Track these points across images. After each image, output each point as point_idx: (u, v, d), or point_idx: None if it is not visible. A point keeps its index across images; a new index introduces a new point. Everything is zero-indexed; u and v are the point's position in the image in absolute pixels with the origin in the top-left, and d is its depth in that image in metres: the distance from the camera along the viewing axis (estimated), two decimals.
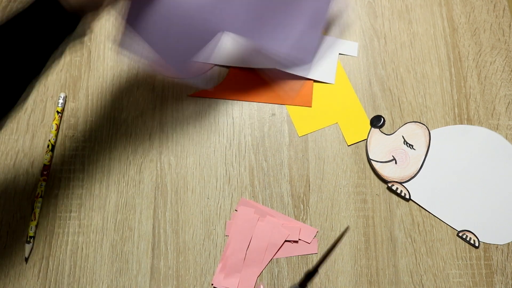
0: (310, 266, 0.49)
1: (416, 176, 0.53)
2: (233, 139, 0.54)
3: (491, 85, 0.58)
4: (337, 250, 0.50)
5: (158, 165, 0.53)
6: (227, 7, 0.45)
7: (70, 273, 0.48)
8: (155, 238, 0.50)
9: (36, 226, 0.50)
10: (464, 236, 0.51)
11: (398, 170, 0.53)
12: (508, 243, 0.51)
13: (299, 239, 0.50)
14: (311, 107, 0.56)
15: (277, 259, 0.50)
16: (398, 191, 0.52)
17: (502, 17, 0.61)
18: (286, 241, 0.50)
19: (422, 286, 0.50)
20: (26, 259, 0.49)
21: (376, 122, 0.55)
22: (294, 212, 0.51)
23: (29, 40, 0.36)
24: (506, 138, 0.55)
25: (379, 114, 0.56)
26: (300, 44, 0.52)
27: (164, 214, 0.51)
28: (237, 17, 0.46)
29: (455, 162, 0.54)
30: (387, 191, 0.53)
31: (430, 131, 0.55)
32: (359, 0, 0.61)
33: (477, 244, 0.51)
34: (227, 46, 0.55)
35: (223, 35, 0.47)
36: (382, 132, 0.55)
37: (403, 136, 0.55)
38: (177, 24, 0.45)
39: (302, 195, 0.52)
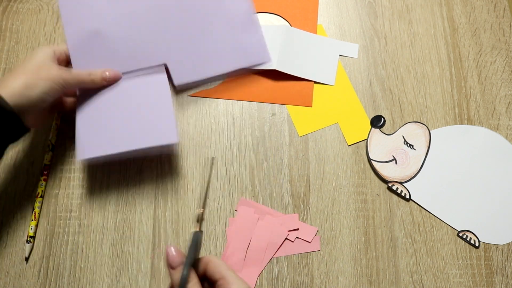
0: (310, 265, 0.49)
1: (417, 176, 0.53)
2: (234, 139, 0.54)
3: (492, 85, 0.58)
4: (337, 250, 0.50)
5: (158, 165, 0.53)
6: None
7: (70, 273, 0.48)
8: (155, 238, 0.50)
9: (36, 226, 0.50)
10: (464, 236, 0.51)
11: (399, 170, 0.53)
12: (508, 243, 0.51)
13: (300, 238, 0.50)
14: (311, 107, 0.56)
15: (277, 258, 0.50)
16: (398, 191, 0.52)
17: (503, 17, 0.61)
18: (286, 239, 0.50)
19: (422, 286, 0.50)
20: (26, 259, 0.49)
21: (377, 122, 0.55)
22: (294, 212, 0.51)
23: None
24: (506, 138, 0.55)
25: (379, 114, 0.56)
26: (247, 50, 0.54)
27: (164, 214, 0.51)
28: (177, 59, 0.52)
29: (455, 162, 0.54)
30: (387, 191, 0.53)
31: (431, 131, 0.55)
32: (359, 0, 0.61)
33: (477, 244, 0.51)
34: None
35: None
36: (382, 132, 0.55)
37: (403, 136, 0.55)
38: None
39: (302, 195, 0.52)
